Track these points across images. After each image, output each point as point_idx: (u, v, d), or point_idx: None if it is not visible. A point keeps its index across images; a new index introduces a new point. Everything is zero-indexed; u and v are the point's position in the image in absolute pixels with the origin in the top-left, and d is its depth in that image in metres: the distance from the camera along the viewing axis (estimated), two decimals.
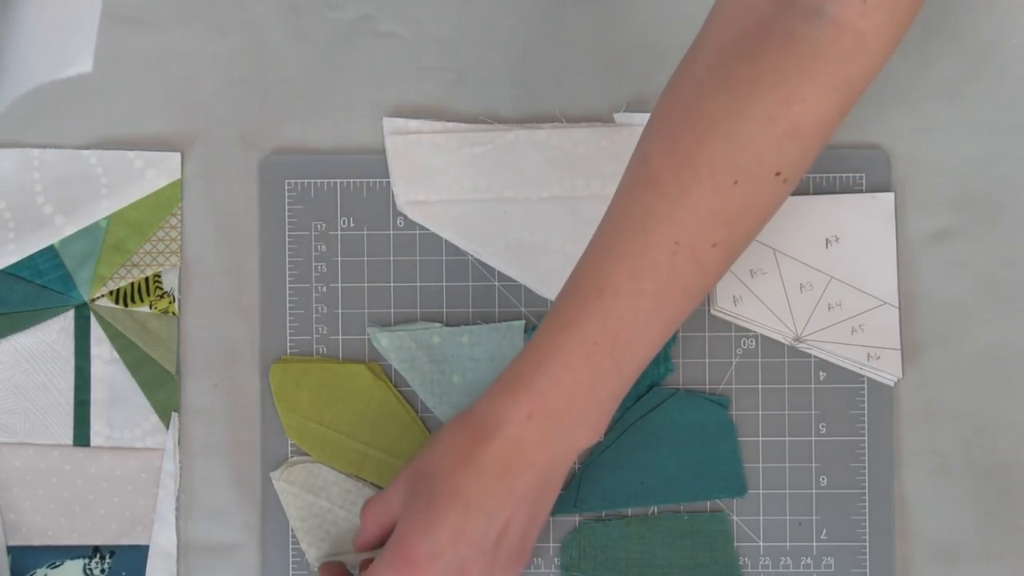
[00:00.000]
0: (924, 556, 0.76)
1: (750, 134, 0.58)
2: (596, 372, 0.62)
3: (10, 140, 0.77)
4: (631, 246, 0.61)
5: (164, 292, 0.77)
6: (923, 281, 0.77)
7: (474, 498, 0.62)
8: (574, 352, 0.62)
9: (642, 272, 0.60)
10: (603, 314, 0.61)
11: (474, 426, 0.63)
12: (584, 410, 0.63)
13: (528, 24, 0.77)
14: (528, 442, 0.62)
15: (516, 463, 0.62)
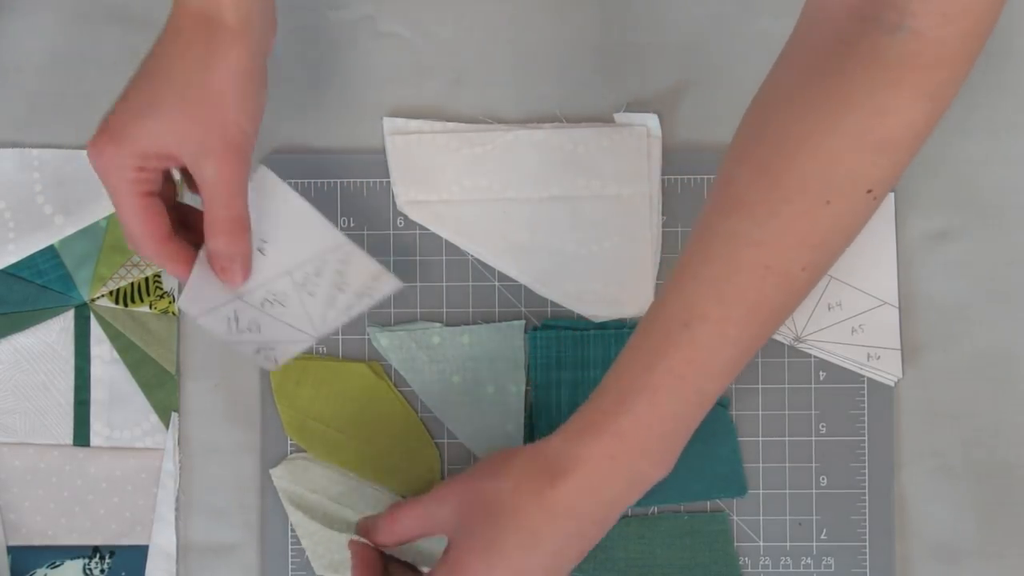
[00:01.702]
0: (924, 556, 0.76)
1: (842, 149, 0.56)
2: (680, 406, 0.60)
3: (10, 140, 0.77)
4: (718, 272, 0.58)
5: (164, 292, 0.77)
6: (923, 281, 0.77)
7: (543, 538, 0.60)
8: (660, 388, 0.59)
9: (729, 298, 0.58)
10: (690, 344, 0.59)
11: (549, 463, 0.60)
12: (664, 446, 0.61)
13: (528, 24, 0.77)
14: (605, 483, 0.60)
15: (589, 504, 0.60)
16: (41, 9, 0.77)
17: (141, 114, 0.59)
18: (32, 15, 0.77)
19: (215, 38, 0.58)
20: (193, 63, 0.59)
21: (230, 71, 0.59)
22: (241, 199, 0.61)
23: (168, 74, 0.59)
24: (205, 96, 0.58)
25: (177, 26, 0.59)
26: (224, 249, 0.62)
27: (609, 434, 0.60)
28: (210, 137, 0.59)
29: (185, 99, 0.59)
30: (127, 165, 0.60)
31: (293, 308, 0.66)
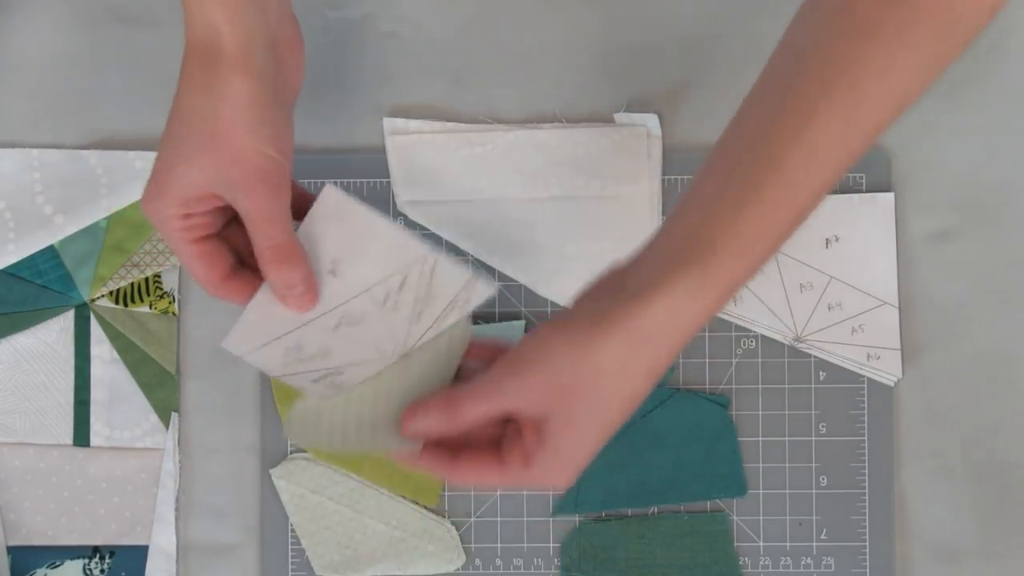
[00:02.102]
0: (924, 556, 0.76)
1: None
2: (770, 252, 0.57)
3: (10, 140, 0.77)
4: (844, 100, 0.56)
5: (164, 292, 0.77)
6: (923, 281, 0.77)
7: (638, 402, 0.58)
8: (768, 227, 0.56)
9: (857, 125, 0.57)
10: (805, 172, 0.56)
11: (653, 341, 0.56)
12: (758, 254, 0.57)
13: (528, 24, 0.77)
14: (692, 334, 0.58)
15: (673, 357, 0.58)
16: (41, 9, 0.77)
17: (172, 162, 0.59)
18: (32, 15, 0.77)
19: (215, 69, 0.58)
20: (201, 99, 0.58)
21: (235, 99, 0.58)
22: (281, 226, 0.59)
23: (185, 115, 0.59)
24: (217, 130, 0.58)
25: (187, 64, 0.59)
26: (278, 279, 0.60)
27: (715, 291, 0.56)
28: (232, 170, 0.58)
29: (201, 137, 0.58)
30: (173, 215, 0.59)
31: (372, 327, 0.62)
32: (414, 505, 0.77)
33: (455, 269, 0.61)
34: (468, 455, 0.61)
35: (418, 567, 0.77)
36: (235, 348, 0.62)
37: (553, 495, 0.77)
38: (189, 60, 0.59)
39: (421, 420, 0.60)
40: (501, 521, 0.77)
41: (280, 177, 0.59)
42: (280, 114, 0.59)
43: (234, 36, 0.58)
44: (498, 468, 0.60)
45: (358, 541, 0.77)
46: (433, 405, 0.60)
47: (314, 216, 0.60)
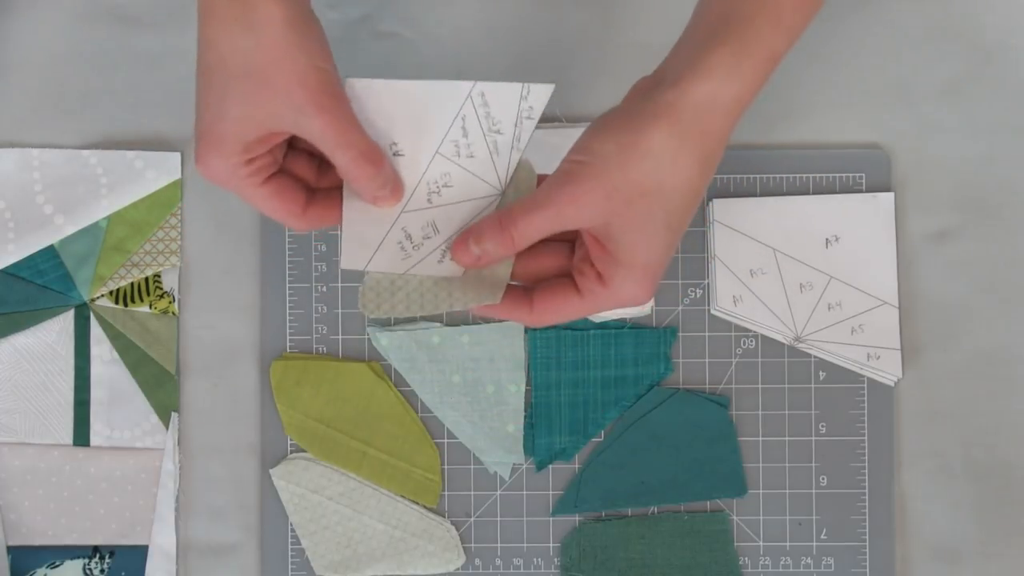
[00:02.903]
0: (924, 556, 0.76)
1: None
2: (804, 23, 0.57)
3: (10, 140, 0.77)
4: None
5: (164, 292, 0.77)
6: (923, 281, 0.77)
7: (704, 190, 0.58)
8: (805, 5, 0.57)
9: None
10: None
11: (702, 122, 0.56)
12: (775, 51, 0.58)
13: (528, 24, 0.77)
14: (748, 107, 0.57)
15: (731, 131, 0.58)
16: (41, 9, 0.77)
17: (220, 112, 0.56)
18: (32, 15, 0.77)
19: (246, 2, 0.55)
20: (237, 32, 0.55)
21: (274, 23, 0.55)
22: (357, 131, 0.58)
23: (222, 54, 0.56)
24: (266, 60, 0.55)
25: (207, 4, 0.56)
26: (372, 183, 0.58)
27: (752, 72, 0.56)
28: (294, 94, 0.56)
29: (243, 76, 0.56)
30: (235, 165, 0.58)
31: (461, 183, 0.61)
32: (414, 505, 0.77)
33: (504, 86, 0.61)
34: (542, 292, 0.60)
35: (418, 567, 0.77)
36: (354, 264, 0.62)
37: (553, 494, 0.77)
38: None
39: (474, 245, 0.59)
40: (501, 521, 0.77)
41: (338, 86, 0.58)
42: (317, 27, 0.58)
43: None
44: (576, 295, 0.59)
45: (358, 541, 0.77)
46: (486, 226, 0.59)
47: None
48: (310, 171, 0.62)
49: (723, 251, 0.76)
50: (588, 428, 0.77)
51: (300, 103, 0.56)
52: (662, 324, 0.77)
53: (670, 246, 0.58)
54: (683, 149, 0.56)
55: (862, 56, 0.77)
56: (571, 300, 0.59)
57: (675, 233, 0.57)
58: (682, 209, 0.57)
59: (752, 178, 0.76)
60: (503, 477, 0.77)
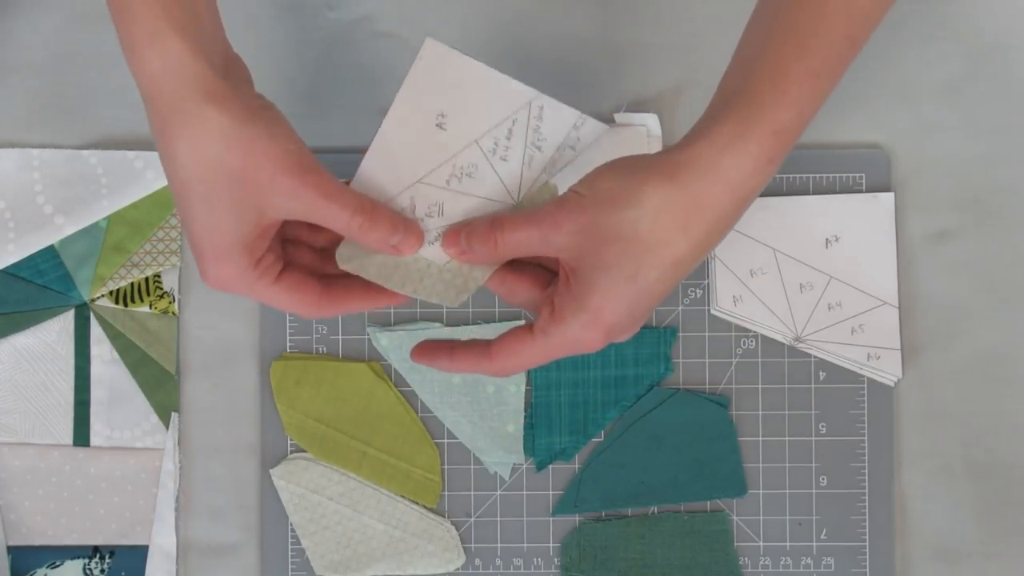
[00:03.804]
0: (924, 556, 0.76)
1: None
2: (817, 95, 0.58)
3: (10, 140, 0.78)
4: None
5: (164, 292, 0.77)
6: (923, 281, 0.77)
7: (688, 266, 0.57)
8: (828, 59, 0.57)
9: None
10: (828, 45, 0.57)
11: (696, 184, 0.56)
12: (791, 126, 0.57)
13: (528, 24, 0.77)
14: (755, 189, 0.57)
15: (736, 215, 0.57)
16: (41, 9, 0.77)
17: (211, 223, 0.56)
18: (32, 15, 0.77)
19: (197, 107, 0.55)
20: (203, 147, 0.55)
21: (234, 125, 0.55)
22: (347, 193, 0.58)
23: (197, 173, 0.56)
24: (239, 163, 0.56)
25: (161, 118, 0.56)
26: (379, 239, 0.59)
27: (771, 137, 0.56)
28: (276, 184, 0.56)
29: (223, 181, 0.56)
30: (244, 269, 0.58)
31: (483, 178, 0.61)
32: (414, 505, 0.77)
33: (563, 109, 0.61)
34: (500, 338, 0.60)
35: (418, 567, 0.77)
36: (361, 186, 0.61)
37: (553, 494, 0.77)
38: (159, 112, 0.55)
39: (464, 239, 0.60)
40: (501, 521, 0.77)
41: (312, 158, 0.58)
42: (272, 111, 0.58)
43: (201, 69, 0.55)
44: (529, 335, 0.59)
45: (358, 541, 0.77)
46: (479, 225, 0.60)
47: (416, 70, 0.60)
48: (314, 260, 0.62)
49: (723, 251, 0.76)
50: (588, 428, 0.77)
51: (285, 187, 0.56)
52: (662, 324, 0.77)
53: (633, 302, 0.57)
54: (670, 210, 0.55)
55: (862, 56, 0.77)
56: (525, 341, 0.59)
57: (640, 290, 0.56)
58: (655, 268, 0.56)
59: None
60: (503, 477, 0.77)
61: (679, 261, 0.56)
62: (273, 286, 0.59)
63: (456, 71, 0.60)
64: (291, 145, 0.57)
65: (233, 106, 0.55)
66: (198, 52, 0.55)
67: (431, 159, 0.61)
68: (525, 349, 0.59)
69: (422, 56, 0.60)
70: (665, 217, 0.55)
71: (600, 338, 0.57)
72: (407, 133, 0.61)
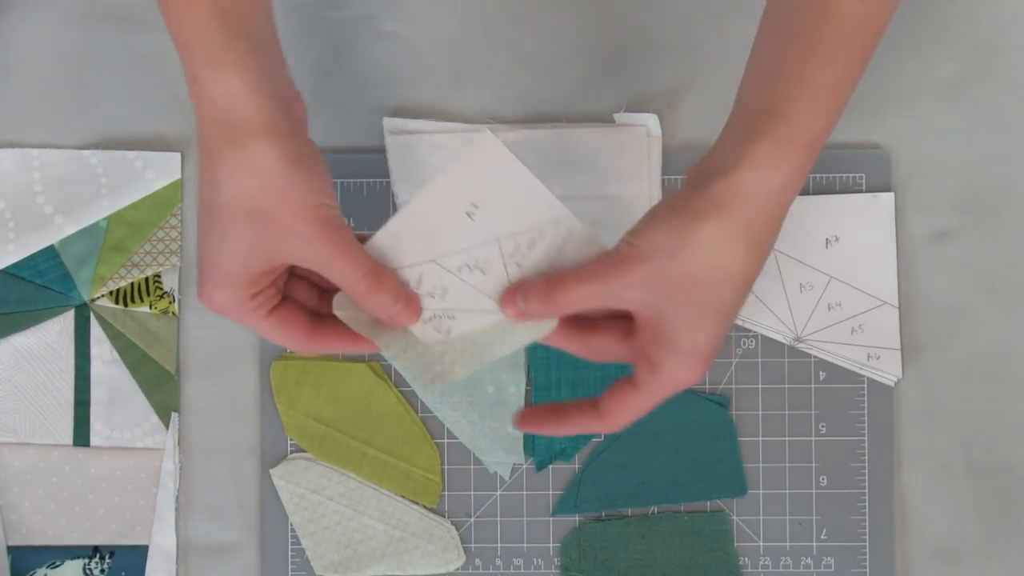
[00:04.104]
0: (924, 556, 0.76)
1: None
2: (842, 102, 0.59)
3: (10, 140, 0.78)
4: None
5: (164, 292, 0.77)
6: (923, 281, 0.77)
7: (755, 277, 0.59)
8: (850, 65, 0.58)
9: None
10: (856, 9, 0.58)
11: (746, 209, 0.58)
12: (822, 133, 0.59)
13: (528, 24, 0.77)
14: (795, 193, 0.59)
15: (783, 219, 0.59)
16: (41, 9, 0.77)
17: (224, 248, 0.58)
18: (32, 15, 0.77)
19: (245, 142, 0.57)
20: (239, 177, 0.57)
21: (276, 168, 0.57)
22: (362, 256, 0.59)
23: (227, 200, 0.57)
24: (269, 203, 0.57)
25: (208, 142, 0.57)
26: (377, 308, 0.60)
27: (797, 164, 0.58)
28: (296, 230, 0.57)
29: (247, 215, 0.57)
30: (241, 299, 0.59)
31: (495, 278, 0.62)
32: (414, 505, 0.77)
33: (591, 240, 0.62)
34: (606, 396, 0.61)
35: (418, 567, 0.77)
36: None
37: (553, 494, 0.77)
38: (210, 140, 0.57)
39: (520, 300, 0.61)
40: (501, 521, 0.77)
41: (340, 218, 0.59)
42: (317, 163, 0.59)
43: (257, 107, 0.57)
44: (632, 388, 0.60)
45: (358, 541, 0.77)
46: (532, 287, 0.61)
47: (466, 158, 0.61)
48: (311, 297, 0.63)
49: None
50: None
51: (304, 238, 0.58)
52: None
53: (721, 331, 0.59)
54: (733, 240, 0.57)
55: None
56: (633, 395, 0.61)
57: (726, 317, 0.59)
58: (732, 296, 0.58)
59: None
60: (503, 477, 0.77)
61: (748, 279, 0.59)
62: (265, 319, 0.60)
63: (501, 168, 0.61)
64: (324, 199, 0.58)
65: (280, 148, 0.57)
66: (256, 88, 0.57)
67: (451, 243, 0.62)
68: (634, 403, 0.61)
69: (476, 147, 0.61)
70: (732, 251, 0.58)
71: (703, 370, 0.60)
72: (436, 211, 0.61)
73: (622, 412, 0.61)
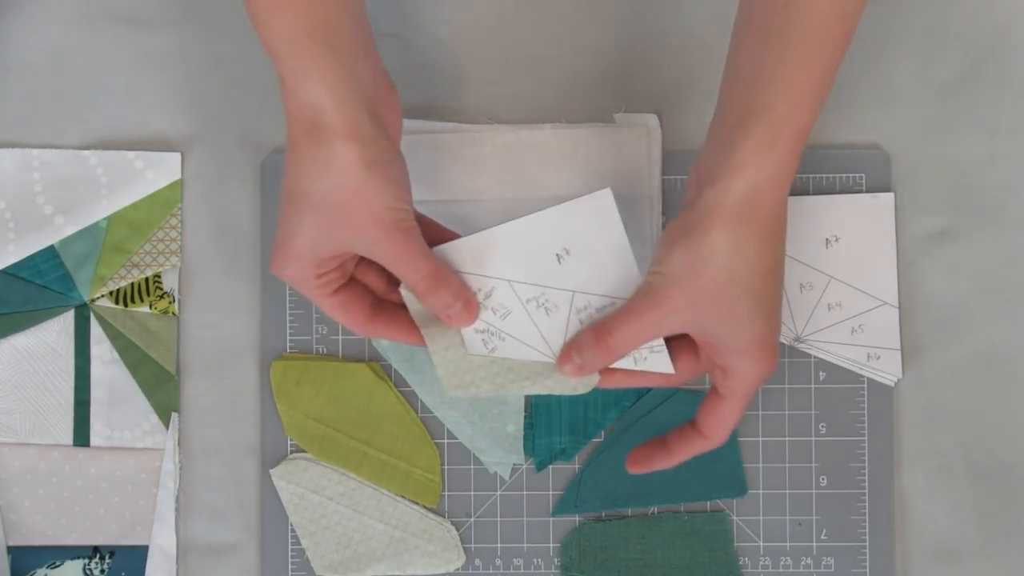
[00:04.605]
0: (924, 556, 0.76)
1: None
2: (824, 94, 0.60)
3: (10, 140, 0.78)
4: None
5: (164, 292, 0.77)
6: (923, 281, 0.77)
7: (783, 257, 0.62)
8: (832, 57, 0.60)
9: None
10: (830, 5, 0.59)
11: (753, 210, 0.60)
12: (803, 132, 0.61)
13: (528, 24, 0.77)
14: (792, 177, 0.61)
15: (786, 201, 0.62)
16: (41, 9, 0.77)
17: (295, 233, 0.61)
18: (32, 15, 0.77)
19: (326, 145, 0.60)
20: (319, 176, 0.60)
21: (353, 171, 0.60)
22: (423, 259, 0.63)
23: (300, 189, 0.61)
24: (339, 199, 0.60)
25: (294, 140, 0.60)
26: (435, 304, 0.64)
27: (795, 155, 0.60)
28: (365, 230, 0.61)
29: (322, 208, 0.60)
30: (307, 276, 0.63)
31: (556, 323, 0.65)
32: (414, 505, 0.77)
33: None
34: (702, 413, 0.65)
35: (418, 567, 0.77)
36: (442, 255, 0.65)
37: (553, 494, 0.77)
38: (296, 136, 0.60)
39: (576, 356, 0.64)
40: (501, 521, 0.77)
41: (409, 221, 0.62)
42: (395, 168, 0.62)
43: (339, 113, 0.59)
44: (718, 398, 0.64)
45: (358, 541, 0.77)
46: (584, 340, 0.64)
47: (580, 205, 0.64)
48: (380, 283, 0.66)
49: None
50: (588, 428, 0.77)
51: (370, 238, 0.61)
52: None
53: (771, 318, 0.62)
54: (742, 237, 0.60)
55: (862, 56, 0.77)
56: (723, 407, 0.64)
57: (769, 306, 0.61)
58: (764, 286, 0.61)
59: None
60: (503, 477, 0.77)
61: (774, 266, 0.61)
62: (328, 297, 0.64)
63: (606, 229, 0.65)
64: (396, 204, 0.61)
65: (358, 152, 0.60)
66: (339, 96, 0.59)
67: (532, 275, 0.65)
68: (728, 413, 0.64)
69: (593, 198, 0.64)
70: (740, 248, 0.60)
71: (771, 358, 0.62)
72: (532, 239, 0.65)
73: (719, 424, 0.65)
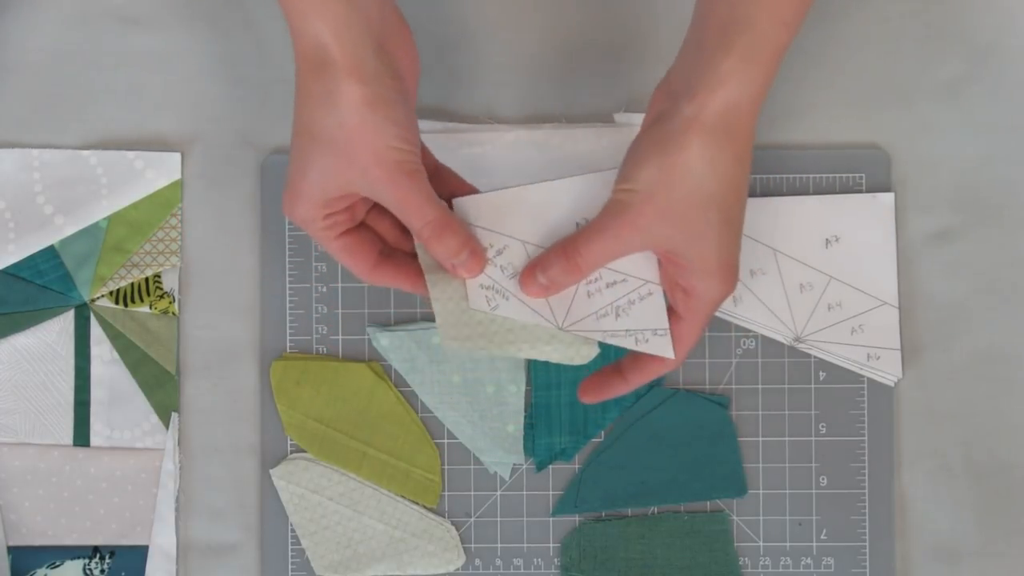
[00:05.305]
0: (924, 556, 0.76)
1: None
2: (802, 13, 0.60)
3: (10, 140, 0.78)
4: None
5: (164, 292, 0.77)
6: (923, 281, 0.77)
7: (748, 180, 0.62)
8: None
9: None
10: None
11: (726, 125, 0.59)
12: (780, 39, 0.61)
13: (528, 24, 0.77)
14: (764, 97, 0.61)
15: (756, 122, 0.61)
16: (41, 9, 0.77)
17: (304, 170, 0.61)
18: (32, 15, 0.77)
19: (331, 81, 0.59)
20: (323, 111, 0.60)
21: (356, 107, 0.59)
22: (429, 204, 0.62)
23: (309, 127, 0.61)
24: (344, 137, 0.60)
25: (301, 77, 0.61)
26: (440, 251, 0.63)
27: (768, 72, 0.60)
28: (368, 170, 0.60)
29: (327, 146, 0.60)
30: (315, 217, 0.62)
31: (565, 293, 0.64)
32: (414, 505, 0.77)
33: (661, 315, 0.64)
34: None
35: (418, 567, 0.77)
36: (461, 207, 0.65)
37: (553, 494, 0.77)
38: (302, 73, 0.60)
39: (540, 274, 0.63)
40: (501, 521, 0.77)
41: (414, 163, 0.61)
42: (400, 108, 0.61)
43: (343, 50, 0.59)
44: (677, 318, 0.63)
45: (358, 541, 0.77)
46: (551, 256, 0.63)
47: (605, 170, 0.63)
48: (392, 232, 0.66)
49: None
50: (588, 428, 0.77)
51: (372, 178, 0.60)
52: None
53: (736, 239, 0.61)
54: (718, 155, 0.59)
55: (862, 56, 0.77)
56: (678, 327, 0.63)
57: (735, 226, 0.61)
58: (733, 205, 0.60)
59: (752, 178, 0.76)
60: (503, 477, 0.77)
61: (743, 187, 0.61)
62: (334, 240, 0.64)
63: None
64: (398, 143, 0.60)
65: (361, 89, 0.59)
66: (341, 33, 0.59)
67: (545, 238, 0.64)
68: (687, 333, 0.63)
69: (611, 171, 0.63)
70: (720, 166, 0.59)
71: (734, 280, 0.62)
72: (552, 204, 0.64)
73: (678, 345, 0.64)
